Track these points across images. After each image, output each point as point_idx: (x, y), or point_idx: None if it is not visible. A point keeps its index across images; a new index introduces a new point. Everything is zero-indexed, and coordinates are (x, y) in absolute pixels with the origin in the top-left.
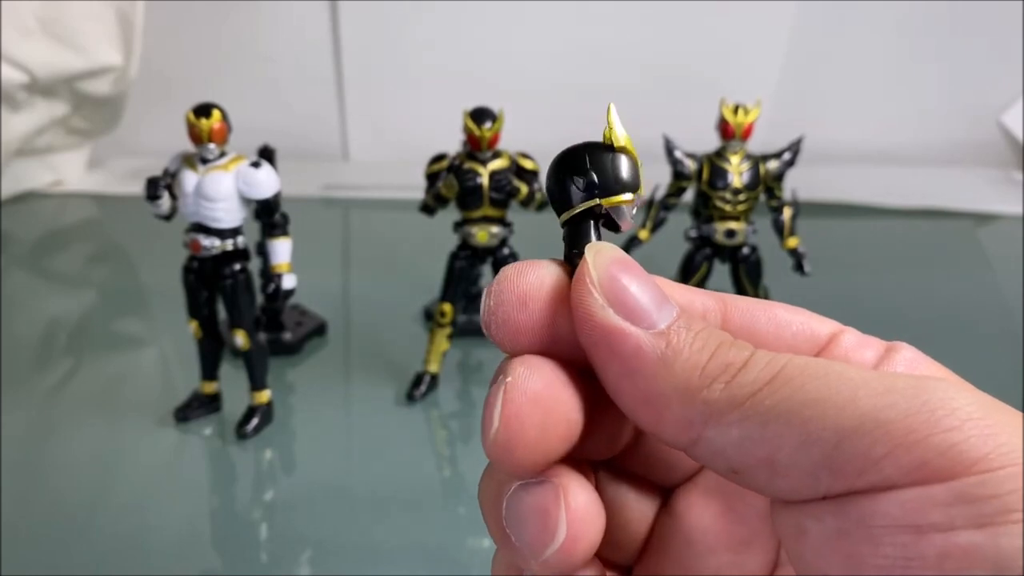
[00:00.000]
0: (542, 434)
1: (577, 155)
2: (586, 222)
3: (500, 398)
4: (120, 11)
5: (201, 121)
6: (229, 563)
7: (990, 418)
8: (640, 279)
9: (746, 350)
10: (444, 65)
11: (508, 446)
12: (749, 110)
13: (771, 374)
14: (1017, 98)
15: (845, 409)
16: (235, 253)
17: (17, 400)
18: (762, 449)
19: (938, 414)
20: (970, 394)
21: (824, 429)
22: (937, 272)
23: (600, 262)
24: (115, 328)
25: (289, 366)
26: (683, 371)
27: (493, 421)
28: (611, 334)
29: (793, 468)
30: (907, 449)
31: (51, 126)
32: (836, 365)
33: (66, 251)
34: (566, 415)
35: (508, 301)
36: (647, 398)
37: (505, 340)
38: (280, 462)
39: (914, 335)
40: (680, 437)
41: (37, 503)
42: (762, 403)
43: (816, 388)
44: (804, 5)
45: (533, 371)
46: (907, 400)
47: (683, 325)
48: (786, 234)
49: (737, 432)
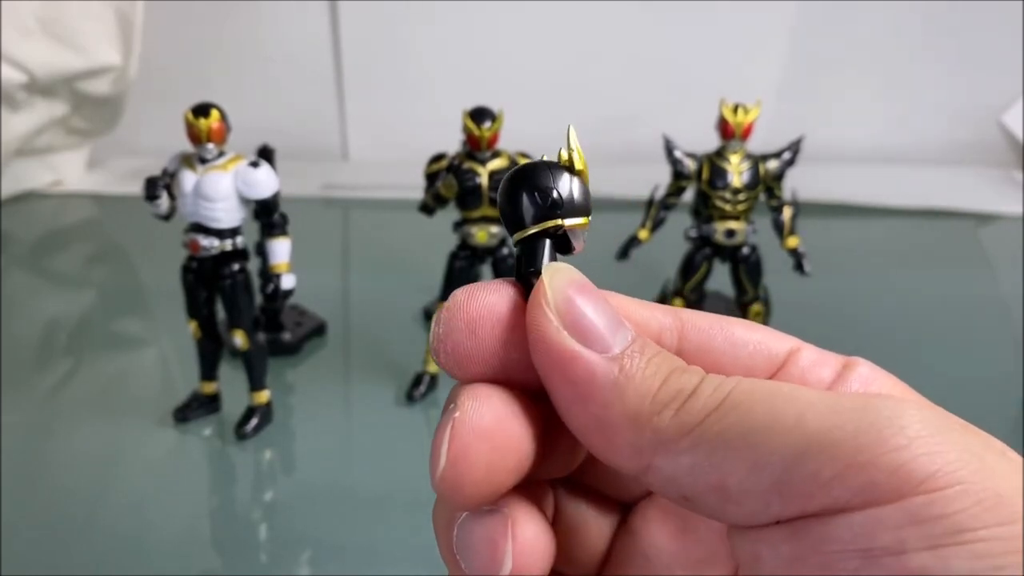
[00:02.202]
0: (490, 470)
1: (539, 173)
2: (541, 242)
3: (447, 434)
4: (119, 11)
5: (200, 121)
6: (228, 563)
7: (939, 435)
8: (596, 301)
9: (696, 375)
10: (444, 65)
11: (456, 484)
12: (749, 110)
13: (719, 400)
14: (1017, 98)
15: (792, 432)
16: (234, 253)
17: (17, 400)
18: (712, 476)
19: (885, 433)
20: (919, 411)
21: (772, 453)
22: (937, 272)
23: (557, 284)
24: (114, 328)
25: (288, 366)
26: (634, 397)
27: (440, 459)
28: (565, 358)
29: (744, 494)
30: (856, 470)
31: (51, 126)
32: (784, 387)
33: (65, 251)
34: (516, 449)
35: (457, 328)
36: (598, 425)
37: (455, 369)
38: (279, 462)
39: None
40: (631, 464)
41: (37, 503)
42: (710, 430)
43: (763, 412)
44: (804, 5)
45: (482, 404)
46: (854, 420)
47: (637, 350)
48: (786, 234)
49: (687, 460)
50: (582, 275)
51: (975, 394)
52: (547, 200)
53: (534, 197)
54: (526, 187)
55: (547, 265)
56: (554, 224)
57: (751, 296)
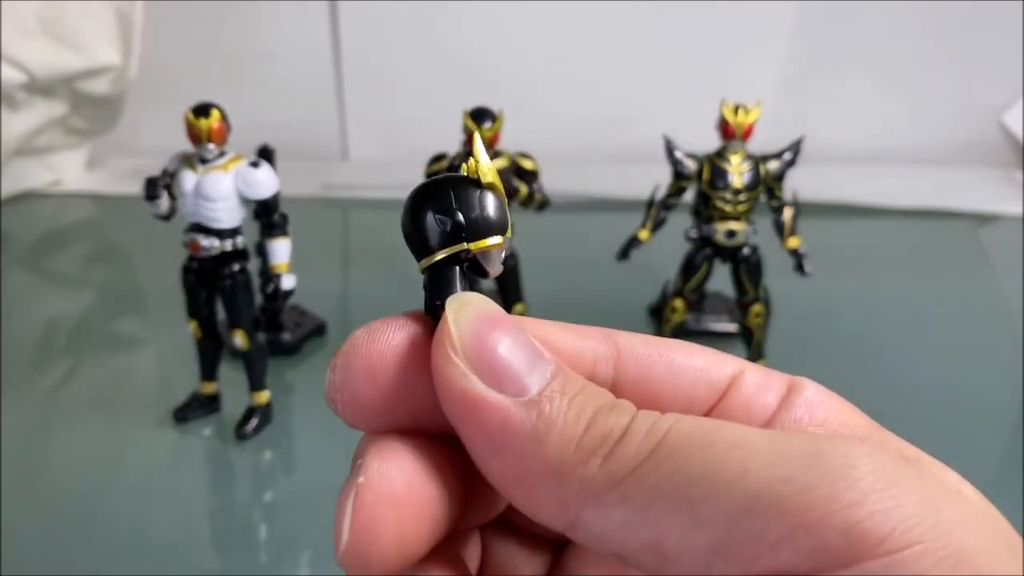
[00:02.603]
0: (402, 540)
1: (439, 192)
2: (450, 269)
3: (349, 504)
4: (119, 11)
5: (200, 121)
6: (228, 563)
7: (894, 487)
8: (511, 335)
9: (626, 414)
10: (444, 65)
11: (362, 559)
12: (749, 110)
13: (651, 445)
14: (1018, 98)
15: (735, 485)
16: (234, 253)
17: (16, 400)
18: (646, 533)
19: (838, 487)
20: (870, 459)
21: (714, 511)
22: (938, 273)
23: (463, 319)
24: (114, 328)
25: (288, 367)
26: (556, 446)
27: (343, 532)
28: (475, 406)
29: (682, 554)
30: (806, 531)
31: (50, 126)
32: (725, 429)
33: (65, 251)
34: (431, 512)
35: (354, 376)
36: (517, 477)
37: (355, 420)
38: (279, 463)
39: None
40: (555, 520)
41: (36, 503)
42: (643, 481)
43: (702, 461)
44: (805, 5)
45: (390, 465)
46: (803, 471)
47: (557, 389)
48: (787, 234)
49: (618, 515)
50: (493, 305)
51: (976, 395)
52: (449, 222)
53: (436, 219)
54: (426, 208)
55: (452, 298)
56: (459, 249)
57: (751, 297)
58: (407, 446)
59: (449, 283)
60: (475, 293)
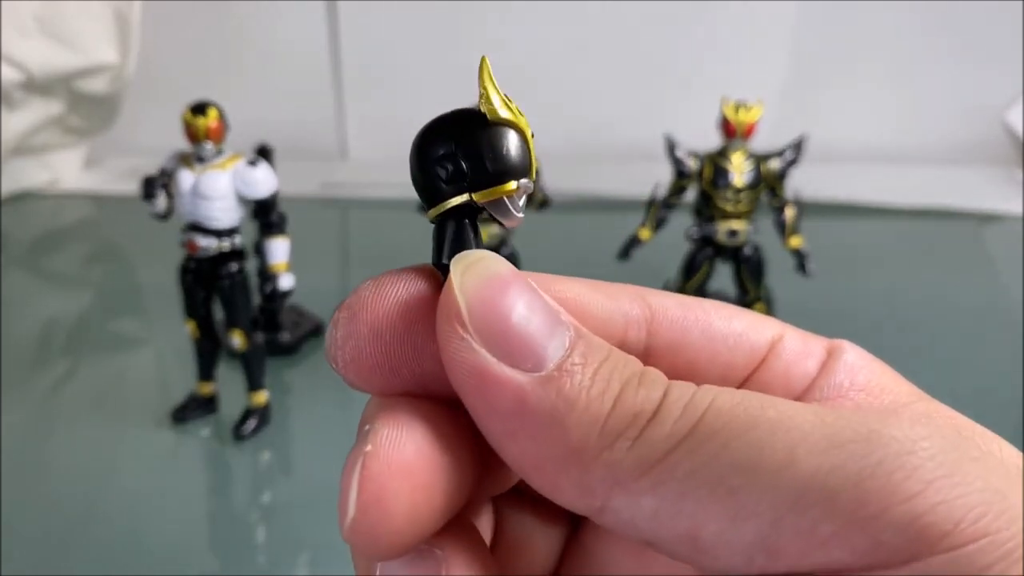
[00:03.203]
0: (414, 514)
1: (441, 133)
2: (460, 220)
3: (355, 475)
4: (117, 10)
5: (198, 119)
6: (226, 565)
7: (958, 473)
8: (524, 299)
9: (658, 388)
10: (443, 64)
11: (370, 535)
12: (751, 108)
13: (687, 427)
14: (1019, 96)
15: (781, 475)
16: (232, 253)
17: (14, 400)
18: (680, 523)
19: (896, 477)
20: (931, 441)
21: (758, 502)
22: (940, 272)
23: (469, 282)
24: (112, 328)
25: (286, 367)
26: (579, 428)
27: (348, 508)
28: (485, 384)
29: (721, 546)
30: (860, 527)
31: (47, 125)
32: (769, 409)
33: (63, 251)
34: (444, 485)
35: (358, 332)
36: (536, 462)
37: (357, 381)
38: (278, 463)
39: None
40: (579, 505)
41: (34, 504)
42: (678, 467)
43: (744, 446)
44: (806, 4)
45: (402, 433)
46: (857, 460)
47: (579, 360)
48: (788, 234)
49: (649, 502)
50: (503, 263)
51: (976, 394)
52: (450, 168)
53: (437, 165)
54: (428, 152)
55: (457, 257)
56: (463, 199)
57: (753, 296)
58: (418, 411)
59: (457, 238)
60: (484, 251)
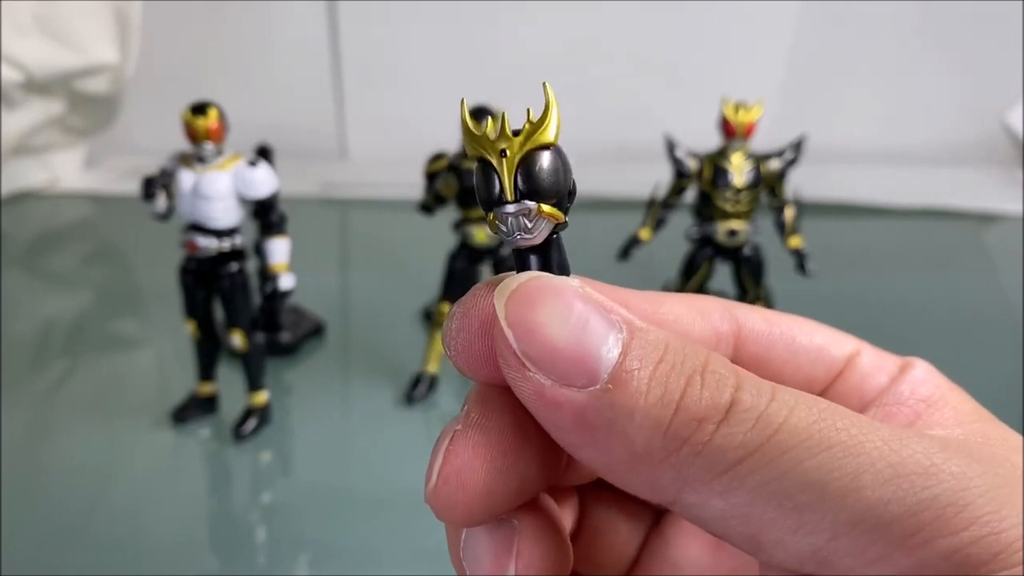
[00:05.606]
0: (489, 494)
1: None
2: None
3: (443, 449)
4: (117, 9)
5: (198, 120)
6: (226, 565)
7: (1006, 506)
8: (574, 312)
9: (725, 390)
10: (443, 63)
11: (447, 503)
12: (750, 108)
13: (760, 440)
14: (1019, 97)
15: (846, 499)
16: (232, 253)
17: (13, 401)
18: (746, 527)
19: (948, 512)
20: (984, 479)
21: (819, 520)
22: (940, 272)
23: (512, 312)
24: (111, 329)
25: (287, 367)
26: (641, 435)
27: (432, 475)
28: (545, 405)
29: (778, 551)
30: (907, 552)
31: (47, 125)
32: (842, 432)
33: (62, 251)
34: (521, 470)
35: (470, 326)
36: (606, 466)
37: (466, 369)
38: (278, 464)
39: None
40: (654, 499)
41: (34, 504)
42: (749, 476)
43: (815, 467)
44: (807, 4)
45: (490, 417)
46: (915, 492)
47: (635, 365)
48: (788, 234)
49: (719, 504)
50: (533, 279)
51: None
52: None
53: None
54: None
55: (499, 288)
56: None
57: (753, 296)
58: (508, 403)
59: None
60: (528, 273)
